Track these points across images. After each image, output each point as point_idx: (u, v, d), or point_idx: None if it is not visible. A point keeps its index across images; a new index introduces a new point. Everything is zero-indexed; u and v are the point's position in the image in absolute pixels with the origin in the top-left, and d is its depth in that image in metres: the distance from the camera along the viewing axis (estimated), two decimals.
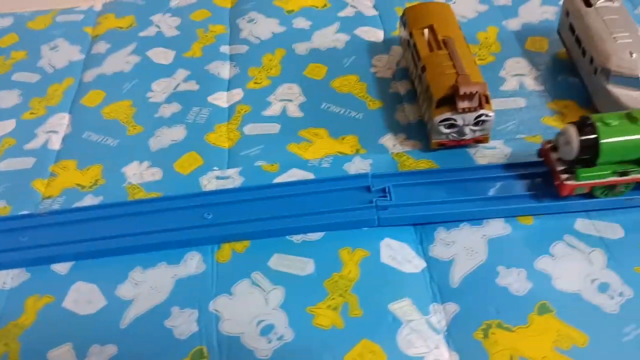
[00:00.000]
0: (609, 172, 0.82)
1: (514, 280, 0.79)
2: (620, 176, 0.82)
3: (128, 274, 0.85)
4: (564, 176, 0.83)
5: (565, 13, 1.10)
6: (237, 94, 1.14)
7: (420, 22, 1.07)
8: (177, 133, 1.07)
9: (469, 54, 1.01)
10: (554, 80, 1.10)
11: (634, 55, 0.95)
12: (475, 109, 0.92)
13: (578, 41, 1.05)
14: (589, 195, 0.85)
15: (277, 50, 1.24)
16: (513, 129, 1.01)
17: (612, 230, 0.84)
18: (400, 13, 1.16)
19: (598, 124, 0.81)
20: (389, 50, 1.21)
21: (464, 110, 0.92)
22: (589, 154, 0.81)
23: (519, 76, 1.12)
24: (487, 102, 0.94)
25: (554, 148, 0.86)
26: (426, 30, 1.05)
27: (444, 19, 1.07)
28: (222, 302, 0.80)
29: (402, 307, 0.78)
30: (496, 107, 1.05)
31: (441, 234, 0.86)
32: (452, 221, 0.87)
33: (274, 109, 1.10)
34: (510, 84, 1.10)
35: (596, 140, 0.80)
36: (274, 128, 1.06)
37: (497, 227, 0.86)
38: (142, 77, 1.21)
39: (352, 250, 0.84)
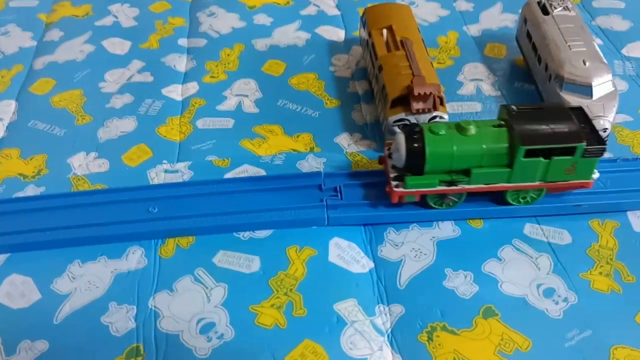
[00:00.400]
0: (436, 181, 0.81)
1: (460, 283, 0.79)
2: (448, 186, 0.82)
3: (66, 267, 0.81)
4: (394, 183, 0.83)
5: (524, 20, 1.11)
6: (193, 87, 1.12)
7: (380, 22, 1.07)
8: (128, 124, 1.04)
9: (426, 56, 1.01)
10: (510, 86, 1.10)
11: (587, 63, 0.95)
12: (429, 110, 0.91)
13: (534, 48, 1.06)
14: (424, 204, 0.85)
15: (235, 45, 1.22)
16: None
17: (559, 235, 0.84)
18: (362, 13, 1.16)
19: (426, 133, 0.80)
20: (349, 50, 1.20)
21: (418, 111, 0.91)
22: (417, 162, 0.80)
23: (477, 81, 1.12)
24: (442, 104, 0.93)
25: (390, 155, 0.85)
26: (385, 31, 1.05)
27: (403, 21, 1.07)
28: (162, 299, 0.77)
29: (348, 308, 0.76)
30: (453, 110, 1.06)
31: (391, 234, 0.85)
32: (402, 222, 0.86)
33: (229, 104, 1.08)
34: (468, 89, 1.11)
35: (423, 148, 0.80)
36: (228, 123, 1.04)
37: (447, 230, 0.85)
38: (96, 66, 1.18)
39: (300, 249, 0.83)
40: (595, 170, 0.83)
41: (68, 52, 1.22)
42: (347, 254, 0.83)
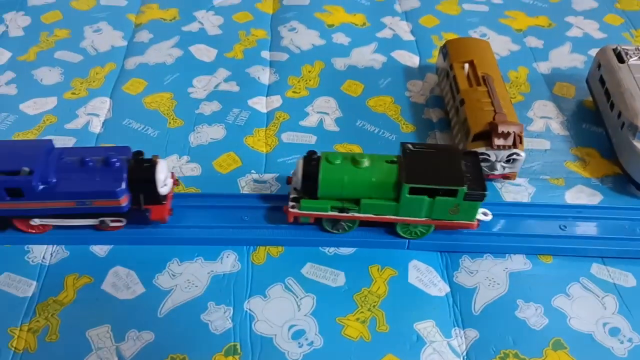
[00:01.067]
0: (328, 206, 0.87)
1: (531, 315, 0.84)
2: (340, 212, 0.88)
3: (166, 264, 0.88)
4: (291, 203, 0.89)
5: (597, 65, 1.16)
6: (276, 100, 1.18)
7: (462, 55, 1.13)
8: (217, 132, 1.10)
9: (506, 93, 1.06)
10: (578, 127, 1.16)
11: None
12: (509, 147, 0.97)
13: (607, 94, 1.11)
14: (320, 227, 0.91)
15: (316, 62, 1.28)
16: (537, 169, 1.07)
17: (624, 278, 0.90)
18: (435, 41, 1.22)
19: (322, 161, 0.86)
20: (423, 76, 1.26)
21: (498, 147, 0.97)
22: (312, 186, 0.87)
23: (546, 119, 1.17)
24: (521, 142, 0.99)
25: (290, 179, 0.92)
26: (466, 65, 1.10)
27: (483, 56, 1.13)
28: (256, 303, 0.84)
29: (427, 328, 0.82)
30: (524, 146, 1.11)
31: (466, 262, 0.91)
32: (477, 252, 0.92)
33: (310, 120, 1.14)
34: (537, 125, 1.16)
35: (316, 174, 0.86)
36: (311, 139, 1.10)
37: (519, 262, 0.91)
38: (184, 71, 1.24)
39: (382, 268, 0.89)
40: (488, 212, 0.91)
41: (158, 54, 1.29)
42: (425, 277, 0.89)
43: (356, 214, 0.89)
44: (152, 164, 0.87)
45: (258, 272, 0.88)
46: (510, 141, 0.97)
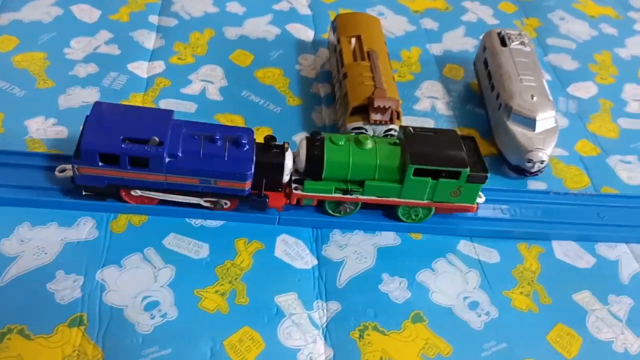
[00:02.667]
0: (332, 187, 0.86)
1: (395, 288, 0.84)
2: (343, 194, 0.87)
3: (15, 229, 0.82)
4: (294, 185, 0.87)
5: (483, 48, 1.18)
6: (159, 66, 1.13)
7: (350, 30, 1.11)
8: (90, 95, 1.04)
9: (389, 70, 1.06)
10: (463, 108, 1.17)
11: (535, 98, 1.03)
12: (386, 123, 0.97)
13: (489, 76, 1.13)
14: (320, 209, 0.90)
15: (206, 30, 1.23)
16: None
17: (489, 254, 0.91)
18: (332, 17, 1.19)
19: (326, 142, 0.85)
20: (316, 51, 1.24)
21: (375, 122, 0.96)
22: (317, 168, 0.85)
23: (433, 99, 1.18)
24: (399, 118, 0.99)
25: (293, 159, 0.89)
26: (353, 39, 1.09)
27: (372, 32, 1.12)
28: (110, 273, 0.79)
29: (288, 300, 0.80)
30: (407, 124, 1.11)
31: (336, 235, 0.90)
32: (348, 228, 0.91)
33: (193, 88, 1.10)
34: (424, 105, 1.17)
35: (322, 155, 0.85)
36: (191, 107, 1.06)
37: (389, 238, 0.91)
38: (62, 31, 1.17)
39: (249, 242, 0.86)
40: (482, 195, 0.90)
41: (34, 11, 1.20)
42: (293, 250, 0.87)
43: (360, 196, 0.87)
44: (282, 150, 0.83)
45: (116, 241, 0.83)
46: (387, 116, 0.97)
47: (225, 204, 0.86)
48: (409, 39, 1.33)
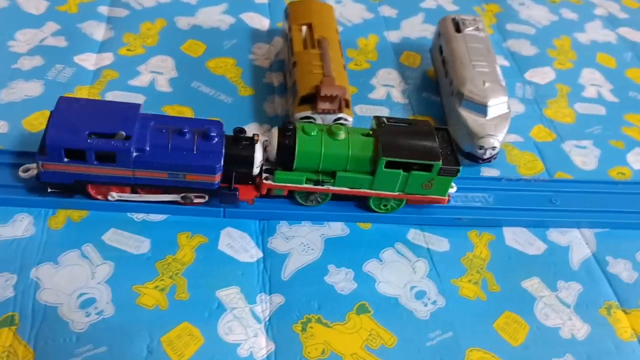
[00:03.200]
0: (303, 178, 0.85)
1: (340, 280, 0.83)
2: (314, 185, 0.86)
3: None
4: (265, 175, 0.85)
5: (438, 34, 1.17)
6: (107, 58, 1.10)
7: (301, 18, 1.09)
8: (34, 89, 1.01)
9: (340, 58, 1.04)
10: (418, 96, 1.16)
11: (487, 84, 1.02)
12: (334, 111, 0.95)
13: (444, 63, 1.12)
14: (292, 198, 0.89)
15: (157, 20, 1.21)
16: None
17: (439, 243, 0.90)
18: None
19: (298, 131, 0.84)
20: (271, 40, 1.22)
21: (323, 111, 0.95)
22: (288, 158, 0.84)
23: (388, 87, 1.17)
24: (348, 106, 0.97)
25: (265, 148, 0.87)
26: (304, 27, 1.07)
27: (323, 20, 1.10)
28: (45, 271, 0.77)
29: (230, 295, 0.79)
30: (362, 112, 1.10)
31: (283, 227, 0.88)
32: (295, 220, 0.89)
33: (142, 80, 1.07)
34: (379, 93, 1.15)
35: (293, 145, 0.83)
36: (138, 99, 1.03)
37: (337, 229, 0.89)
38: (5, 23, 1.14)
39: (192, 236, 0.84)
40: (453, 184, 0.89)
41: None
42: (237, 243, 0.85)
43: (331, 187, 0.86)
44: (251, 142, 0.82)
45: (54, 237, 0.81)
46: (336, 105, 0.95)
47: (196, 198, 0.85)
48: (366, 26, 1.31)
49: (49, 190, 0.82)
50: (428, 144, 0.85)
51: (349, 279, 0.84)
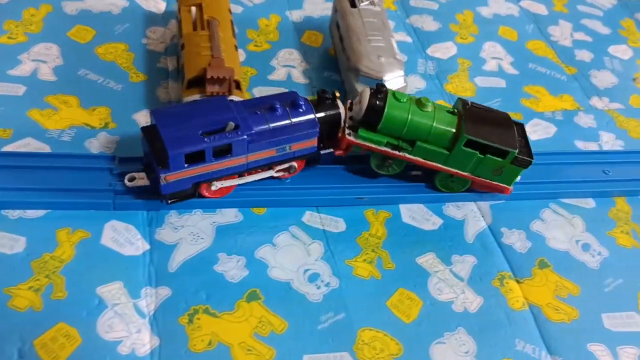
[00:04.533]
0: (384, 141, 0.86)
1: (231, 268, 0.81)
2: (393, 149, 0.87)
3: None
4: (347, 131, 0.87)
5: (334, 10, 1.15)
6: None
7: None
8: None
9: (231, 38, 1.01)
10: (320, 75, 1.14)
11: (382, 59, 1.01)
12: (223, 94, 0.92)
13: (341, 39, 1.10)
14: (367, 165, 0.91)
15: (42, 6, 1.14)
16: None
17: (335, 224, 0.89)
18: None
19: (389, 96, 0.86)
20: (167, 23, 1.17)
21: (212, 94, 0.91)
22: (374, 119, 0.86)
23: (289, 67, 1.14)
24: (238, 88, 0.94)
25: (351, 106, 0.90)
26: (194, 8, 1.03)
27: (214, 0, 1.06)
28: None
29: (111, 291, 0.75)
30: (261, 94, 1.07)
31: (172, 217, 0.85)
32: (185, 208, 0.86)
33: (23, 69, 1.01)
34: (279, 74, 1.12)
35: (383, 108, 0.85)
36: (19, 90, 0.97)
37: (230, 216, 0.87)
38: None
39: (73, 231, 0.80)
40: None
41: None
42: (122, 236, 0.82)
43: (407, 155, 0.87)
44: (334, 101, 0.86)
45: None
46: (225, 87, 0.92)
47: (298, 167, 0.88)
48: (268, 6, 1.27)
49: (169, 202, 0.81)
50: (507, 132, 0.88)
51: (240, 266, 0.81)
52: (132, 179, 0.84)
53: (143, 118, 0.98)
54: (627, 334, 0.82)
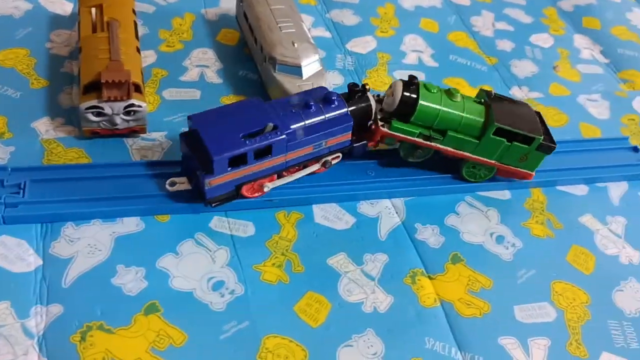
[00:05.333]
0: (417, 131, 0.89)
1: (130, 280, 0.77)
2: (425, 139, 0.90)
3: None
4: (381, 123, 0.89)
5: (240, 1, 1.12)
6: None
7: None
8: None
9: (133, 40, 0.97)
10: (234, 74, 1.10)
11: (296, 45, 0.98)
12: (122, 98, 0.88)
13: (251, 30, 1.07)
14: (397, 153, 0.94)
15: None
16: (180, 121, 0.99)
17: (244, 228, 0.86)
18: None
19: (421, 88, 0.88)
20: (74, 25, 1.13)
21: (109, 99, 0.88)
22: (407, 111, 0.88)
23: (202, 67, 1.11)
24: (139, 91, 0.90)
25: (380, 100, 0.92)
26: (94, 10, 0.99)
27: (116, 0, 1.02)
28: None
29: None
30: (171, 97, 1.03)
31: (69, 229, 0.81)
32: (83, 219, 0.82)
33: None
34: (191, 75, 1.09)
35: (416, 99, 0.87)
36: None
37: (131, 225, 0.83)
38: None
39: None
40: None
41: None
42: (12, 252, 0.77)
43: (439, 145, 0.90)
44: (364, 93, 0.88)
45: None
46: (124, 91, 0.88)
47: (333, 160, 0.89)
48: (183, 4, 1.24)
49: (213, 205, 0.83)
50: (531, 120, 0.91)
51: (140, 278, 0.78)
52: (172, 184, 0.84)
53: (43, 126, 0.93)
54: (538, 325, 0.82)
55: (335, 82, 1.12)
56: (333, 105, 0.86)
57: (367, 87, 0.89)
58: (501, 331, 0.80)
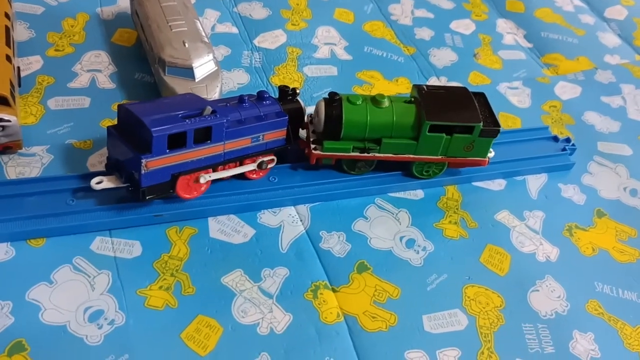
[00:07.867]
0: (350, 147, 0.87)
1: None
2: (361, 152, 0.88)
3: None
4: (313, 146, 0.88)
5: None
6: None
7: None
8: None
9: (3, 47, 0.88)
10: (130, 78, 1.02)
11: (187, 44, 0.91)
12: None
13: (143, 28, 0.99)
14: (339, 168, 0.92)
15: None
16: (66, 133, 0.91)
17: (130, 248, 0.79)
18: None
19: (344, 102, 0.86)
20: None
21: None
22: (335, 129, 0.86)
23: (94, 72, 1.02)
24: (7, 104, 0.82)
25: (311, 121, 0.91)
26: None
27: None
28: None
29: None
30: (57, 106, 0.95)
31: None
32: None
33: None
34: (81, 81, 1.00)
35: (340, 115, 0.85)
36: None
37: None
38: None
39: None
40: (491, 150, 0.92)
41: None
42: None
43: (377, 154, 0.88)
44: (294, 95, 0.89)
45: None
46: None
47: (268, 163, 0.88)
48: (75, 4, 1.14)
49: (148, 198, 0.78)
50: (468, 107, 0.88)
51: (5, 313, 0.70)
52: (100, 182, 0.78)
53: None
54: (448, 334, 0.77)
55: (240, 81, 1.06)
56: (266, 103, 0.86)
57: (297, 90, 0.89)
58: (408, 344, 0.75)
